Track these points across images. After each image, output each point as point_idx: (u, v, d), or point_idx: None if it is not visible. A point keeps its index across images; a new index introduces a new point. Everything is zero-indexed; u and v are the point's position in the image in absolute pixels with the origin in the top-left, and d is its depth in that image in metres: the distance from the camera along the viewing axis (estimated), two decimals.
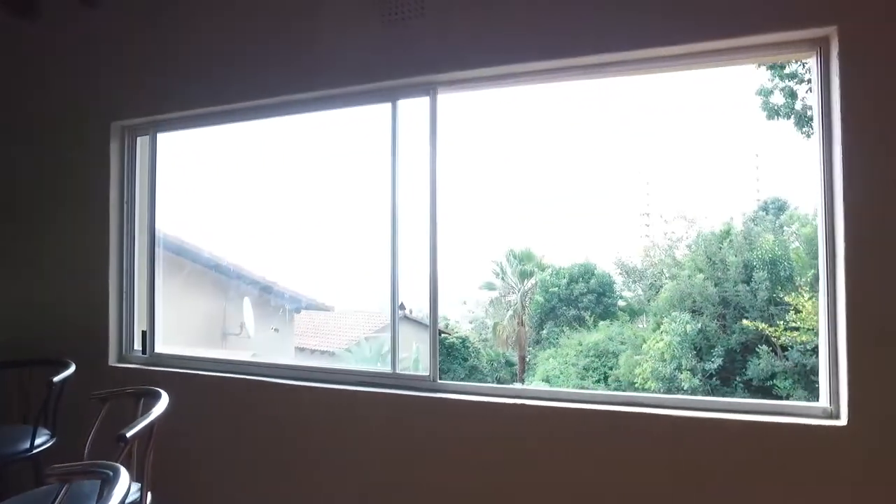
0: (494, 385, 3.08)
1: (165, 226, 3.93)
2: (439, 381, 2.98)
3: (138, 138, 3.92)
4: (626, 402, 2.68)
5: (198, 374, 3.52)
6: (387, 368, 3.15)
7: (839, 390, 2.37)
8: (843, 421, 2.31)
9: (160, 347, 3.81)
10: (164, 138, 3.90)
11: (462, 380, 26.31)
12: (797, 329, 12.03)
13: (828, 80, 2.43)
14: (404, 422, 2.95)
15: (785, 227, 26.68)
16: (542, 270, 30.24)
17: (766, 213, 25.29)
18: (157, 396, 2.13)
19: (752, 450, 2.40)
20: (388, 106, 3.27)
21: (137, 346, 3.84)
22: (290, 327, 12.81)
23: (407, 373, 3.08)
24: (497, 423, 2.75)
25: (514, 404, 2.72)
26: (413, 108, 3.26)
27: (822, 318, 2.44)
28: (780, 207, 33.25)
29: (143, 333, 3.80)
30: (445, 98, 3.17)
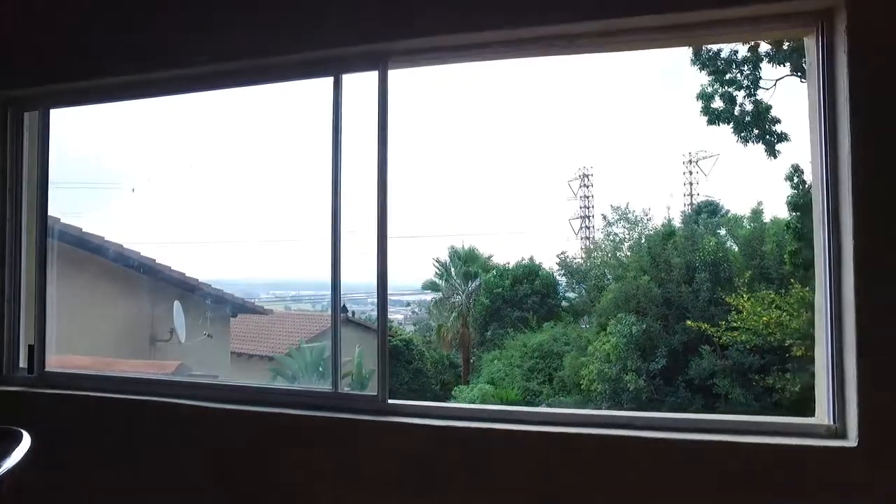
0: (452, 405, 2.67)
1: (68, 216, 3.30)
2: (389, 402, 2.55)
3: (26, 114, 3.28)
4: (599, 422, 2.33)
5: (97, 398, 2.92)
6: (327, 386, 2.69)
7: (845, 405, 2.09)
8: (851, 441, 2.04)
9: (54, 363, 3.19)
10: (60, 115, 3.29)
11: (406, 384, 25.85)
12: (737, 329, 12.27)
13: (831, 61, 2.15)
14: (348, 448, 2.50)
15: (721, 229, 27.63)
16: (487, 272, 30.18)
17: (699, 216, 26.18)
18: (15, 440, 1.58)
19: (742, 477, 2.09)
20: (329, 81, 2.81)
21: (23, 363, 3.19)
22: (226, 332, 12.07)
23: (352, 392, 2.63)
24: (455, 447, 2.35)
25: (476, 428, 2.32)
26: (360, 83, 2.81)
27: (822, 323, 2.17)
28: (714, 210, 34.60)
29: (30, 348, 3.16)
30: (398, 75, 2.74)
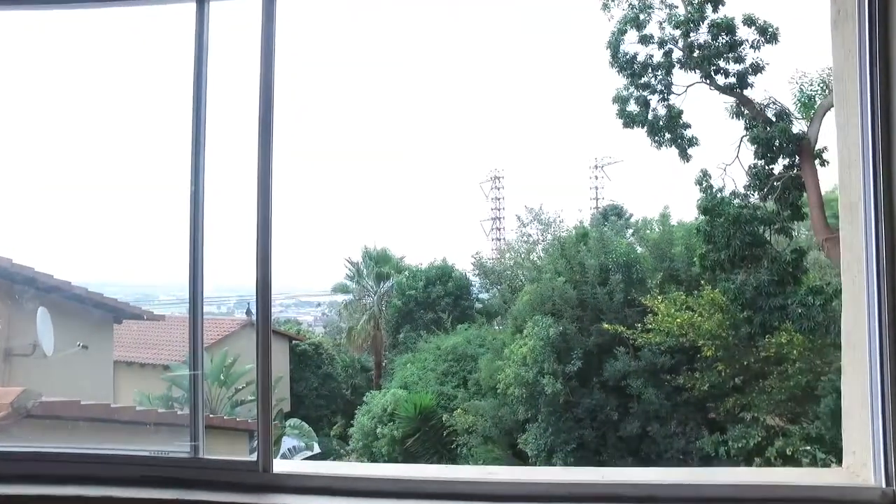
0: (368, 472, 1.85)
1: None
2: (274, 472, 1.74)
3: None
4: (589, 495, 1.66)
5: None
6: (183, 449, 1.83)
7: None
8: None
9: None
10: None
11: (315, 389, 24.55)
12: (652, 330, 12.34)
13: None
14: None
15: (629, 231, 28.60)
16: (400, 272, 29.43)
17: (606, 220, 26.96)
18: None
19: None
20: (191, 6, 1.96)
21: None
22: (107, 341, 10.57)
23: (218, 458, 1.79)
24: None
25: None
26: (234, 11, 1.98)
27: (866, 358, 1.63)
28: (619, 213, 36.01)
29: None
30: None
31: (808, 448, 9.79)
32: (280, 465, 1.76)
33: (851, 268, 1.74)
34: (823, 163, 11.36)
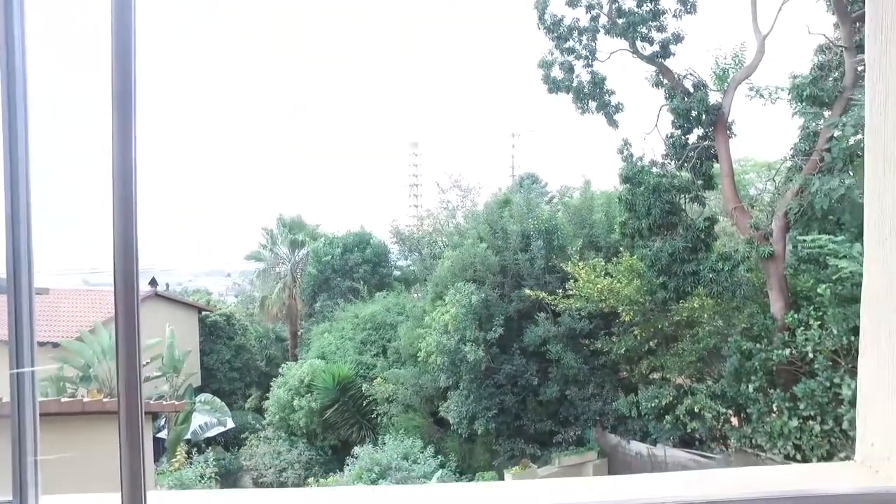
0: None
1: None
2: None
3: None
4: None
5: None
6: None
7: None
8: None
9: None
10: None
11: (228, 361, 23.31)
12: (572, 296, 12.51)
13: None
14: None
15: (545, 199, 29.09)
16: (315, 240, 28.37)
17: (521, 187, 27.24)
18: None
19: None
20: None
21: None
22: None
23: None
24: None
25: None
26: None
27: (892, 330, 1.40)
28: (535, 180, 36.57)
29: None
30: None
31: (713, 404, 10.35)
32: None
33: (882, 227, 1.49)
34: (733, 134, 11.82)
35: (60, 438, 5.81)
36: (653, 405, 11.05)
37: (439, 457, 13.03)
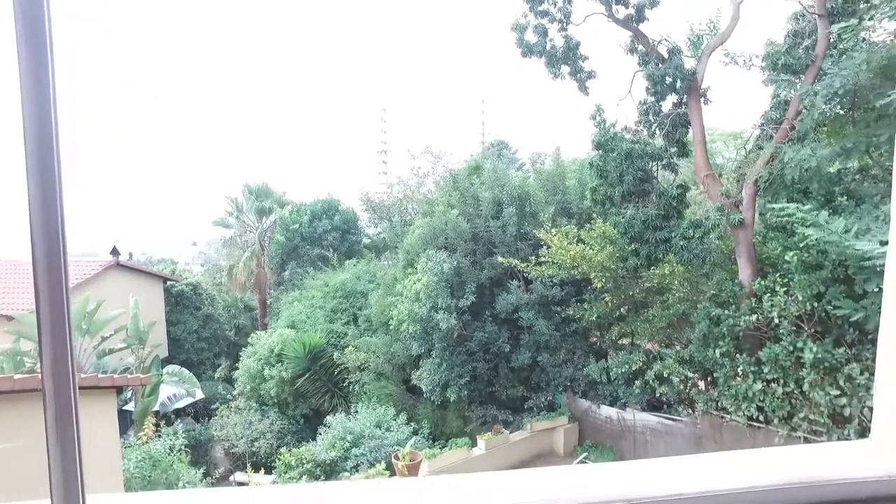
0: None
1: None
2: None
3: None
4: None
5: None
6: None
7: None
8: None
9: None
10: None
11: (196, 332, 22.85)
12: (545, 263, 12.51)
13: None
14: None
15: (516, 165, 28.93)
16: (282, 207, 27.73)
17: (495, 153, 26.98)
18: None
19: None
20: None
21: None
22: None
23: None
24: None
25: None
26: None
27: None
28: (504, 147, 36.27)
29: None
30: None
31: (681, 369, 10.57)
32: None
33: None
34: (707, 101, 11.78)
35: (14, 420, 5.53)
36: (623, 370, 11.23)
37: (412, 424, 13.08)
